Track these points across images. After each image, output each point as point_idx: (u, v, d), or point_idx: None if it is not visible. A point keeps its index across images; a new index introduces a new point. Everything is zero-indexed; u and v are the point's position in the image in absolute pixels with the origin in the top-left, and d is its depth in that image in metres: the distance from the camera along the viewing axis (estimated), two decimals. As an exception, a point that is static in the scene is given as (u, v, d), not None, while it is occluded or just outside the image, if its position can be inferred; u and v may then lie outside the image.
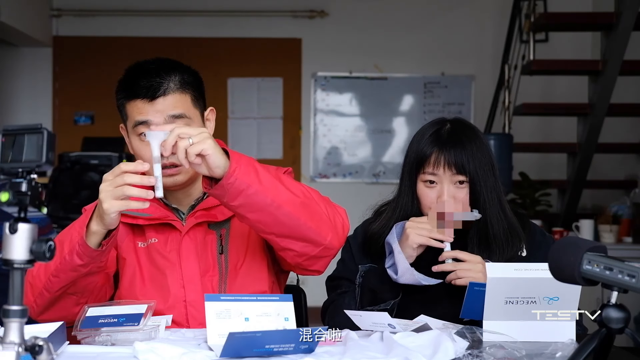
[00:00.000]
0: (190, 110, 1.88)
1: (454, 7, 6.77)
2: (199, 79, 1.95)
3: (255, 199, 1.68)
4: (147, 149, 1.78)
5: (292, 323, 1.59)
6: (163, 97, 1.84)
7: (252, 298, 1.61)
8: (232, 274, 1.92)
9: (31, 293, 1.79)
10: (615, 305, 1.22)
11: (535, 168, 6.37)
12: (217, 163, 1.65)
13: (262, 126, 6.86)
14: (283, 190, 1.72)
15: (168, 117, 1.84)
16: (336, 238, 1.80)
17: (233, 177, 1.65)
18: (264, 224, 1.74)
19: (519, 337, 1.65)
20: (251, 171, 1.68)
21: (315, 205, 1.77)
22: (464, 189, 1.95)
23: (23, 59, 6.75)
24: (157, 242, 1.93)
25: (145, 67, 1.90)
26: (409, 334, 1.63)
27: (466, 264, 1.88)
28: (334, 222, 1.79)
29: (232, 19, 6.79)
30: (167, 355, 1.46)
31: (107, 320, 1.64)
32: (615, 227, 4.95)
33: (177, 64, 1.92)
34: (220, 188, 1.66)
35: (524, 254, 2.00)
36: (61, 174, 5.20)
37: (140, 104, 1.85)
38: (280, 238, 1.77)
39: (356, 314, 1.74)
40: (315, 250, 1.78)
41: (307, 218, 1.74)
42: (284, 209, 1.71)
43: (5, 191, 1.20)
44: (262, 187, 1.68)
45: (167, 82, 1.86)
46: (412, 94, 6.80)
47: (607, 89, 5.12)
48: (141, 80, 1.86)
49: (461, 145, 1.94)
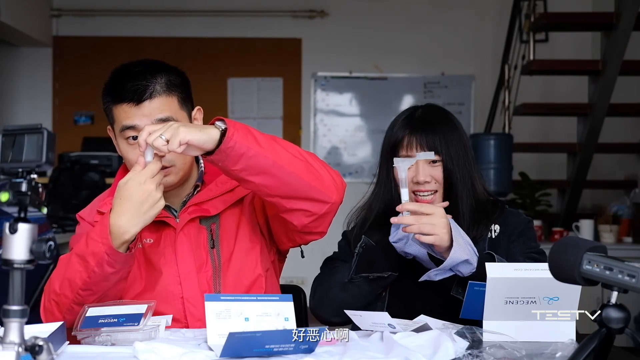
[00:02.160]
0: (177, 112, 1.88)
1: (454, 7, 6.77)
2: (186, 80, 1.95)
3: (256, 161, 1.69)
4: (134, 152, 1.84)
5: (292, 323, 1.59)
6: (149, 101, 1.84)
7: (252, 298, 1.61)
8: (225, 267, 1.93)
9: (58, 310, 1.80)
10: (615, 305, 1.22)
11: (535, 168, 6.37)
12: (203, 140, 1.66)
13: (262, 126, 6.86)
14: (283, 151, 1.74)
15: (155, 121, 1.83)
16: (338, 195, 1.82)
17: (232, 140, 1.66)
18: (268, 186, 1.75)
19: (519, 337, 1.65)
20: (249, 136, 1.69)
21: (315, 165, 1.79)
22: (439, 167, 2.01)
23: (23, 59, 6.75)
24: (152, 242, 1.94)
25: (130, 69, 1.89)
26: (409, 334, 1.64)
27: (428, 217, 1.85)
28: (334, 180, 1.81)
29: (232, 19, 6.79)
30: (167, 355, 1.46)
31: (107, 320, 1.64)
32: (615, 227, 4.95)
33: (162, 65, 1.92)
34: (220, 153, 1.67)
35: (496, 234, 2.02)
36: (61, 174, 5.20)
37: (127, 107, 1.85)
38: (286, 200, 1.78)
39: (356, 314, 1.75)
40: (322, 208, 1.80)
41: (310, 177, 1.76)
42: (286, 169, 1.72)
43: (5, 191, 1.20)
44: (262, 149, 1.70)
45: (153, 84, 1.85)
46: (412, 94, 6.81)
47: (607, 89, 5.12)
48: (127, 83, 1.85)
49: (432, 126, 2.02)
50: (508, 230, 2.03)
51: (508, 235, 2.03)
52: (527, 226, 2.06)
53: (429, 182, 2.01)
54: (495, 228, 2.04)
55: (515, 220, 2.07)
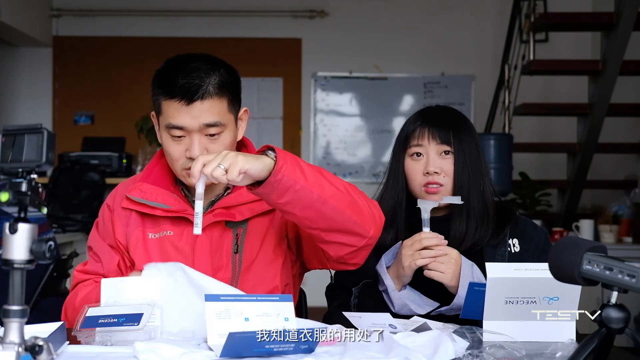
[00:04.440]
0: (225, 116, 1.85)
1: (454, 8, 6.77)
2: (237, 79, 1.91)
3: (301, 195, 1.67)
4: (176, 149, 1.84)
5: (293, 323, 1.59)
6: (200, 102, 1.81)
7: (252, 298, 1.60)
8: (245, 274, 1.90)
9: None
10: (615, 305, 1.22)
11: (535, 168, 6.37)
12: (260, 168, 1.64)
13: (262, 126, 6.87)
14: (327, 185, 1.72)
15: (202, 125, 1.81)
16: (377, 229, 1.81)
17: (280, 173, 1.64)
18: (311, 219, 1.73)
19: (519, 337, 1.65)
20: (296, 167, 1.67)
21: (357, 198, 1.77)
22: (450, 159, 1.99)
23: (23, 59, 6.76)
24: (172, 235, 1.91)
25: (185, 63, 1.86)
26: (409, 334, 1.63)
27: (446, 258, 1.89)
28: (373, 214, 1.80)
29: (232, 19, 6.79)
30: (167, 355, 1.46)
31: (107, 321, 1.64)
32: (615, 227, 4.95)
33: (217, 62, 1.88)
34: (268, 186, 1.65)
35: (516, 250, 2.00)
36: (61, 174, 5.20)
37: (177, 104, 1.81)
38: (325, 232, 1.76)
39: (355, 315, 1.74)
40: (360, 242, 1.78)
41: (351, 212, 1.74)
42: (329, 203, 1.71)
43: (5, 191, 1.20)
44: (308, 183, 1.68)
45: (206, 84, 1.82)
46: (412, 94, 6.81)
47: (607, 89, 5.12)
48: (180, 79, 1.82)
49: (445, 119, 2.01)
50: (531, 249, 2.00)
51: (531, 253, 2.00)
52: (547, 242, 2.04)
53: (438, 174, 1.98)
54: (514, 242, 2.01)
55: (534, 233, 2.05)
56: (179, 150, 1.83)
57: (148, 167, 2.00)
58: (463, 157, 1.98)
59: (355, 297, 2.00)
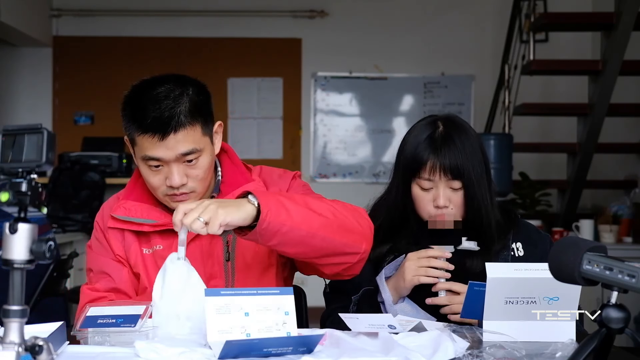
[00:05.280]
0: (200, 140, 1.84)
1: (454, 7, 6.77)
2: (207, 97, 1.89)
3: (290, 236, 1.68)
4: (156, 177, 1.84)
5: (293, 317, 1.58)
6: (174, 134, 1.79)
7: (252, 292, 1.60)
8: (239, 281, 1.91)
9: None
10: (615, 305, 1.22)
11: (535, 168, 6.37)
12: (242, 219, 1.64)
13: (262, 126, 6.87)
14: (314, 217, 1.72)
15: (179, 155, 1.81)
16: (368, 243, 1.81)
17: (266, 222, 1.64)
18: (303, 253, 1.76)
19: (519, 337, 1.65)
20: (281, 210, 1.67)
21: (345, 219, 1.77)
22: (459, 192, 1.98)
23: (23, 59, 6.75)
24: (162, 249, 1.92)
25: (153, 89, 1.83)
26: (409, 334, 1.63)
27: (460, 296, 1.89)
28: (363, 228, 1.80)
29: (232, 19, 6.79)
30: (167, 354, 1.46)
31: (106, 321, 1.64)
32: (615, 227, 4.95)
33: (185, 82, 1.86)
34: (254, 235, 1.66)
35: (520, 254, 2.00)
36: (61, 174, 5.20)
37: (151, 139, 1.80)
38: (319, 259, 1.79)
39: (352, 317, 1.72)
40: (354, 259, 1.80)
41: (341, 235, 1.75)
42: (319, 235, 1.71)
43: (5, 191, 1.20)
44: (296, 223, 1.68)
45: (177, 114, 1.79)
46: (412, 94, 6.81)
47: (607, 89, 5.12)
48: (150, 111, 1.80)
49: (455, 149, 1.96)
50: (537, 254, 2.00)
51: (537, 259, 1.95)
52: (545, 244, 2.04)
53: (447, 207, 1.98)
54: (517, 246, 2.02)
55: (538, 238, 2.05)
56: (158, 179, 1.84)
57: (129, 185, 1.99)
58: (472, 186, 1.97)
59: (354, 305, 2.00)
